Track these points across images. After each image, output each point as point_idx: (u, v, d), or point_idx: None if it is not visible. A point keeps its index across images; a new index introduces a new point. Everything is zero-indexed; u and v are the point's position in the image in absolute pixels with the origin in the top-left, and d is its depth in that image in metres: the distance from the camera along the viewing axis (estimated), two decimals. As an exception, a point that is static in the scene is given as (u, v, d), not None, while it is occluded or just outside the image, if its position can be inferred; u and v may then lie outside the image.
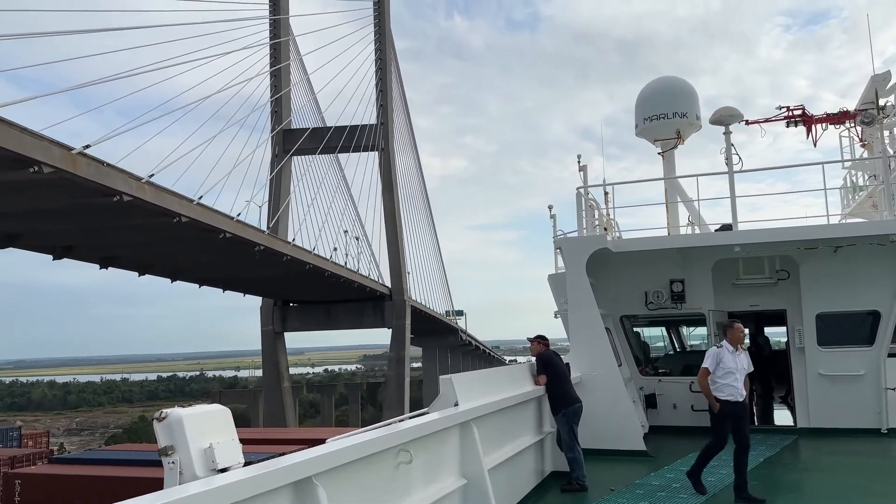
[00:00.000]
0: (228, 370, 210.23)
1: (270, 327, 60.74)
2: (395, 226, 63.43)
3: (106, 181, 25.34)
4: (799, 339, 13.52)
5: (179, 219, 30.17)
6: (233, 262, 41.31)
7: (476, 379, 8.69)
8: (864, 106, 18.45)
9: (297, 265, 44.16)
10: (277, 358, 61.30)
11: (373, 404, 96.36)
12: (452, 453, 7.17)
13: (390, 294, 61.38)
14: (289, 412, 60.28)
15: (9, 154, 21.52)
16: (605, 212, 14.53)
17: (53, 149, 23.15)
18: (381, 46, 63.32)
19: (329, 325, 63.29)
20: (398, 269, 62.58)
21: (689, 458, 11.12)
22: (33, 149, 22.19)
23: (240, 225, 36.68)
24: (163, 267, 41.88)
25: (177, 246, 36.23)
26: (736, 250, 13.00)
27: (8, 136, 21.48)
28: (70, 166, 23.58)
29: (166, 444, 4.28)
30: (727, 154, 13.50)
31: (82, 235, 32.48)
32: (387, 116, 62.62)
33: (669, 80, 17.22)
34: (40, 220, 29.21)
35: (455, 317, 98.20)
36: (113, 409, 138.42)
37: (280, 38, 53.03)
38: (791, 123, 19.55)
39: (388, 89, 63.35)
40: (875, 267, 12.85)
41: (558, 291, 14.73)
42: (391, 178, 62.88)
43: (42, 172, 22.42)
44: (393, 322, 61.21)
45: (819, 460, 11.49)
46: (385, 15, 64.03)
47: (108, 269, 37.89)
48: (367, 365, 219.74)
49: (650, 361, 16.14)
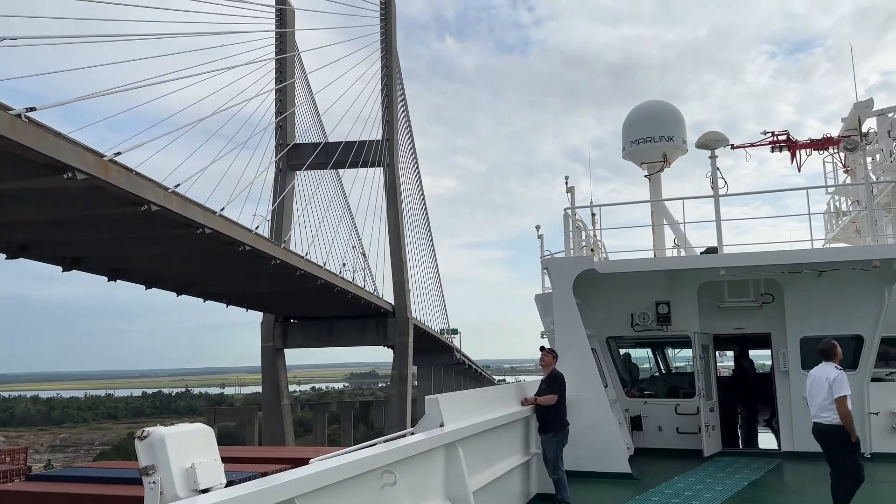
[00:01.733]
0: (213, 387, 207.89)
1: (271, 343, 59.51)
2: (399, 242, 62.54)
3: (135, 190, 24.50)
4: (783, 363, 13.59)
5: (203, 230, 29.32)
6: (246, 275, 40.51)
7: (462, 399, 8.66)
8: (848, 132, 18.77)
9: (310, 280, 43.47)
10: (277, 375, 60.01)
11: (365, 423, 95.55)
12: (437, 475, 7.13)
13: (393, 311, 60.29)
14: (288, 430, 59.01)
15: (45, 160, 20.64)
16: (592, 233, 14.61)
17: (87, 155, 22.21)
18: (387, 63, 62.69)
19: (331, 342, 62.14)
20: (402, 285, 61.50)
21: (674, 482, 11.13)
22: (69, 154, 21.24)
23: (259, 238, 35.98)
24: (171, 281, 41.10)
25: (192, 259, 35.39)
26: (721, 273, 13.09)
27: (45, 140, 20.47)
28: (102, 173, 22.68)
29: (147, 464, 4.22)
30: (713, 178, 13.64)
31: (95, 247, 31.68)
32: (392, 132, 62.07)
33: (656, 104, 17.43)
34: (55, 230, 28.31)
35: (450, 335, 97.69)
36: (98, 425, 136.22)
37: (286, 52, 52.73)
38: (776, 148, 19.83)
39: (393, 105, 62.80)
40: (858, 292, 12.97)
41: (545, 311, 14.75)
42: (396, 193, 62.16)
43: (76, 179, 21.49)
44: (396, 339, 60.09)
45: (803, 484, 11.51)
46: (391, 31, 63.49)
47: (116, 281, 37.04)
48: (355, 383, 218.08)
49: (636, 383, 16.16)
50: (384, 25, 63.11)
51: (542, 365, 10.39)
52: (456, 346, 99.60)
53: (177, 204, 27.20)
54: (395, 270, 61.85)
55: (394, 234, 62.36)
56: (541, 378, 10.57)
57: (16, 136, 19.32)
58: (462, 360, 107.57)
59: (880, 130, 18.87)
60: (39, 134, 20.29)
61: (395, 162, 62.44)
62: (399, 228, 62.64)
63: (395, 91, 63.97)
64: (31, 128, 19.97)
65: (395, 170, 62.42)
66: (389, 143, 61.40)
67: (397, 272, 61.77)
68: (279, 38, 53.36)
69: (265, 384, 60.67)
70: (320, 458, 5.53)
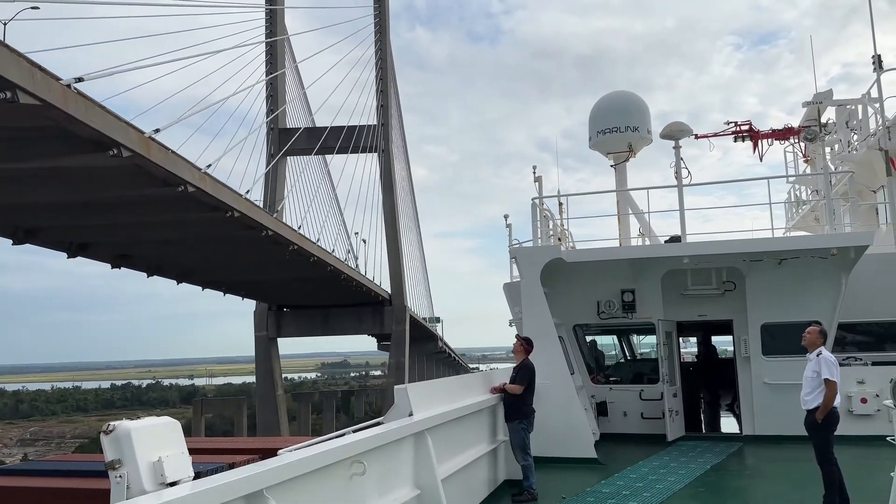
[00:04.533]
0: (181, 378, 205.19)
1: (264, 333, 57.71)
2: (395, 229, 61.12)
3: (174, 169, 23.08)
4: (745, 349, 13.91)
5: (232, 213, 28.09)
6: (255, 262, 39.40)
7: (431, 388, 8.72)
8: (807, 123, 19.17)
9: (320, 268, 42.42)
10: (271, 365, 58.21)
11: (346, 413, 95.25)
12: (406, 464, 7.19)
13: (390, 299, 59.01)
14: (283, 421, 57.57)
15: (93, 135, 19.05)
16: (559, 222, 14.76)
17: (131, 131, 20.71)
18: (381, 46, 60.84)
19: (327, 331, 60.45)
20: (398, 273, 60.11)
21: (638, 466, 11.35)
22: (115, 130, 19.67)
23: (280, 223, 34.91)
24: (173, 268, 39.79)
25: (205, 245, 34.07)
26: (684, 262, 13.33)
27: (94, 113, 18.71)
28: (145, 151, 21.22)
29: (113, 458, 4.20)
30: (676, 168, 13.86)
31: (105, 232, 30.36)
32: (387, 117, 60.32)
33: (622, 94, 17.61)
34: (67, 214, 26.77)
35: (434, 323, 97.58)
36: (67, 418, 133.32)
37: (276, 35, 50.87)
38: (739, 138, 20.22)
39: (388, 89, 60.95)
40: (817, 279, 13.31)
41: (513, 300, 14.89)
42: (391, 180, 60.61)
43: (120, 156, 20.02)
44: (393, 328, 58.71)
45: (762, 467, 11.83)
46: (385, 12, 61.64)
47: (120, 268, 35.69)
48: (328, 373, 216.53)
49: (602, 370, 16.40)
50: (378, 6, 61.17)
51: (516, 354, 10.47)
52: (439, 335, 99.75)
53: (210, 185, 26.00)
54: (392, 258, 60.41)
55: (390, 220, 60.86)
56: (512, 366, 10.68)
57: (68, 108, 17.86)
58: (443, 349, 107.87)
59: (839, 121, 19.32)
60: (89, 107, 18.77)
61: (391, 147, 60.88)
62: (395, 215, 61.26)
63: (389, 75, 62.02)
64: (81, 100, 18.49)
65: (391, 155, 60.86)
66: (385, 128, 59.52)
67: (393, 259, 60.38)
68: (269, 18, 51.50)
69: (259, 374, 59.02)
70: (289, 448, 5.54)
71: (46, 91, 17.09)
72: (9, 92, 16.18)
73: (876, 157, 15.98)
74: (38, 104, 16.92)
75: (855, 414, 12.71)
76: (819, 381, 8.25)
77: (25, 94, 16.48)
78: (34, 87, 16.68)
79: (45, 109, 17.34)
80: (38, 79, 16.87)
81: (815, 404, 8.27)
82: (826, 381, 8.18)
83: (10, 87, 16.15)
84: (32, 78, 16.67)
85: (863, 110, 18.44)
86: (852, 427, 12.37)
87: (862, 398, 12.78)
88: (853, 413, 12.70)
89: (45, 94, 17.01)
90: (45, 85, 17.11)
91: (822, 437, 8.29)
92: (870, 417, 12.65)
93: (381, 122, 59.41)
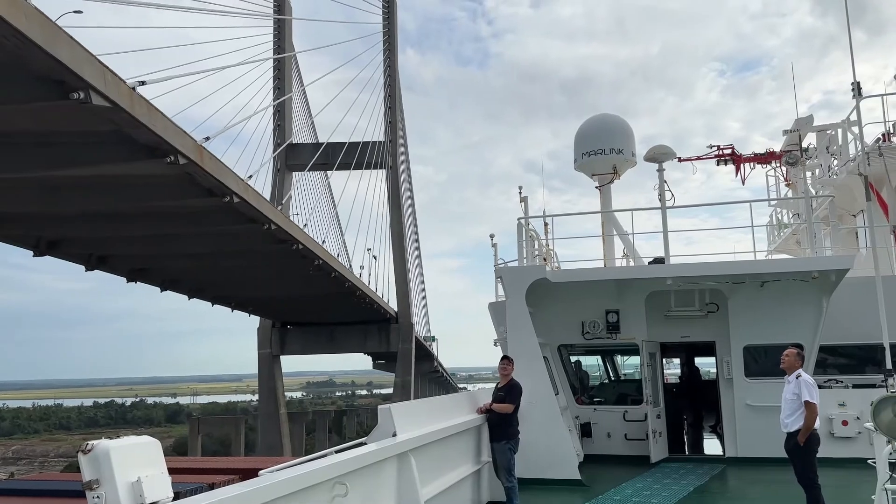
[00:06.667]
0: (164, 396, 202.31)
1: (268, 350, 56.53)
2: (402, 246, 60.32)
3: (222, 178, 22.33)
4: (727, 371, 13.97)
5: (269, 226, 27.39)
6: (275, 277, 38.75)
7: (415, 408, 8.68)
8: (789, 147, 19.46)
9: (338, 283, 41.80)
10: (275, 383, 57.19)
11: (338, 433, 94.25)
12: (389, 485, 7.13)
13: (396, 317, 58.15)
14: (286, 440, 56.46)
15: (152, 140, 18.24)
16: (544, 242, 14.82)
17: (186, 137, 19.88)
18: (390, 63, 60.35)
19: (332, 349, 59.59)
20: (404, 290, 59.28)
21: (622, 488, 11.33)
22: (174, 136, 18.90)
23: (309, 237, 34.34)
24: (186, 283, 39.22)
25: (233, 258, 33.31)
26: (668, 283, 13.40)
27: (156, 118, 17.86)
28: (198, 158, 20.34)
29: (91, 478, 4.14)
30: (660, 190, 13.98)
31: (127, 245, 29.59)
32: (395, 134, 59.83)
33: (607, 117, 17.80)
34: (92, 226, 25.83)
35: (431, 342, 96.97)
36: (50, 436, 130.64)
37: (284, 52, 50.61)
38: (721, 162, 20.47)
39: (396, 106, 60.58)
40: (798, 302, 13.42)
41: (498, 319, 14.88)
42: (399, 197, 60.04)
43: (177, 163, 19.17)
44: (399, 346, 57.64)
45: (745, 489, 11.85)
46: (394, 30, 61.33)
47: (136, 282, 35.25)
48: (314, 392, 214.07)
49: (587, 390, 16.40)
50: (387, 24, 60.65)
51: (503, 373, 10.41)
52: (435, 354, 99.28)
53: (252, 196, 25.36)
54: (399, 275, 59.58)
55: (396, 237, 60.06)
56: (495, 385, 10.62)
57: (134, 112, 17.08)
58: (437, 368, 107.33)
59: (820, 146, 19.63)
60: (152, 111, 17.96)
61: (398, 164, 60.39)
62: (402, 231, 60.53)
63: (397, 91, 61.71)
64: (145, 103, 17.71)
65: (398, 172, 60.30)
66: (393, 144, 58.88)
67: (400, 276, 59.57)
68: (277, 34, 51.34)
69: (262, 392, 57.99)
70: (270, 469, 5.49)
71: (116, 93, 16.38)
72: (82, 92, 15.34)
73: (856, 181, 16.22)
74: (108, 106, 16.19)
75: (836, 436, 12.78)
76: (799, 403, 8.30)
77: (98, 96, 15.72)
78: (106, 88, 15.88)
79: (114, 112, 16.60)
80: (109, 80, 16.13)
81: (796, 427, 8.30)
82: (806, 403, 8.22)
83: (84, 87, 15.35)
84: (104, 78, 15.90)
85: (843, 136, 18.76)
86: (833, 449, 12.42)
87: (843, 420, 12.86)
88: (834, 435, 12.77)
89: (115, 95, 16.28)
90: (116, 86, 16.40)
91: (804, 461, 8.32)
92: (851, 440, 12.71)
93: (389, 138, 58.69)
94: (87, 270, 31.46)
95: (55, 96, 15.50)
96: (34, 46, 13.69)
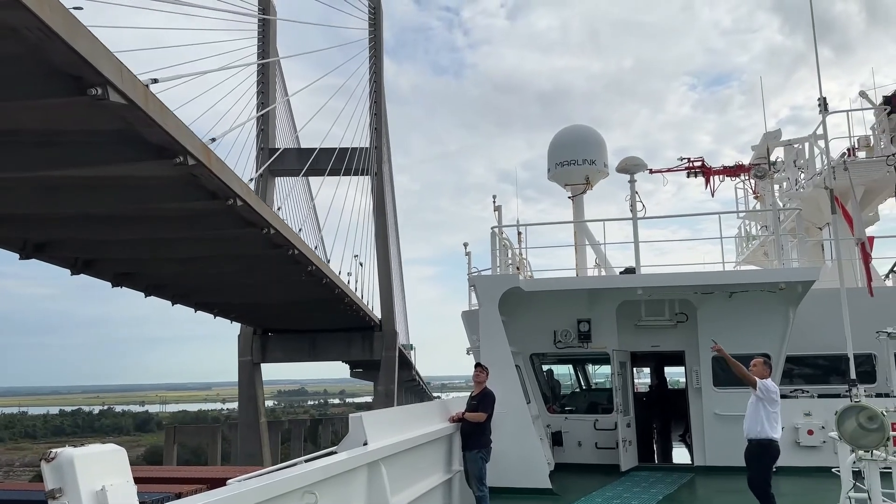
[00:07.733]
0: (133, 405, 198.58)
1: (249, 358, 55.39)
2: (387, 253, 59.52)
3: (227, 180, 21.83)
4: (696, 380, 14.13)
5: (268, 230, 26.88)
6: (262, 283, 38.07)
7: (387, 416, 8.64)
8: (757, 161, 19.81)
9: (328, 290, 41.18)
10: (255, 391, 56.12)
11: (313, 442, 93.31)
12: (359, 494, 7.08)
13: (380, 324, 57.19)
14: (266, 450, 55.07)
15: (163, 140, 17.76)
16: (518, 251, 14.89)
17: (195, 138, 19.45)
18: (375, 69, 59.61)
19: (314, 356, 58.40)
20: (388, 298, 58.49)
21: (592, 496, 11.38)
22: (185, 136, 18.40)
23: (303, 242, 33.73)
24: (172, 288, 38.39)
25: (225, 263, 32.56)
26: (639, 293, 13.54)
27: (168, 117, 17.38)
28: (206, 159, 19.82)
29: (54, 487, 4.05)
30: (631, 201, 14.14)
31: (116, 248, 28.74)
32: (380, 140, 59.17)
33: (580, 128, 17.99)
34: (83, 228, 25.09)
35: (409, 350, 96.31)
36: (15, 444, 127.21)
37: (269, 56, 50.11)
38: (692, 174, 20.76)
39: (381, 112, 59.87)
40: (766, 312, 13.63)
41: (471, 328, 14.90)
42: (384, 203, 59.31)
43: (186, 164, 18.67)
44: (383, 354, 56.71)
45: (713, 498, 11.98)
46: (379, 34, 60.50)
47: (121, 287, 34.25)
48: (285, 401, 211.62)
49: (558, 399, 16.46)
50: (373, 29, 59.95)
51: (476, 381, 10.41)
52: (413, 363, 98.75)
53: (254, 200, 24.87)
54: (383, 282, 58.80)
55: (381, 244, 59.29)
56: (469, 394, 10.62)
57: (148, 110, 16.52)
58: (414, 377, 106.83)
59: (787, 160, 20.02)
60: (164, 109, 17.46)
61: (383, 170, 59.88)
62: (386, 238, 59.83)
63: (383, 97, 61.24)
64: (158, 102, 17.19)
65: (383, 178, 59.73)
66: (378, 150, 58.24)
67: (384, 283, 58.76)
68: (261, 39, 50.74)
69: (242, 401, 56.71)
70: (238, 478, 5.42)
71: (132, 89, 15.86)
72: (100, 88, 14.77)
73: (822, 195, 16.56)
74: (124, 103, 15.67)
75: (801, 445, 12.98)
76: (758, 410, 8.53)
77: (115, 92, 15.17)
78: (123, 85, 15.35)
79: (128, 110, 16.13)
80: (126, 76, 15.67)
81: (754, 434, 8.49)
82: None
83: (101, 83, 14.80)
84: (121, 75, 15.38)
85: (809, 150, 19.15)
86: (799, 458, 12.63)
87: (808, 430, 13.07)
88: (800, 444, 12.97)
89: (131, 92, 15.77)
90: (132, 83, 15.93)
91: (760, 468, 8.46)
92: (816, 449, 12.91)
93: (375, 145, 57.99)
94: (72, 274, 30.63)
95: (70, 92, 15.05)
96: (57, 39, 13.25)
